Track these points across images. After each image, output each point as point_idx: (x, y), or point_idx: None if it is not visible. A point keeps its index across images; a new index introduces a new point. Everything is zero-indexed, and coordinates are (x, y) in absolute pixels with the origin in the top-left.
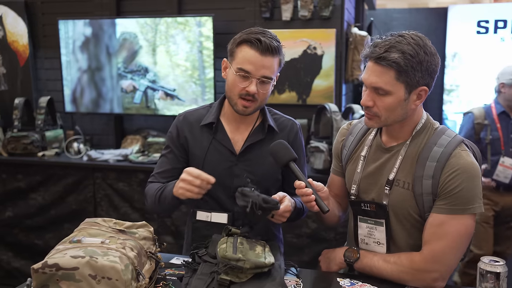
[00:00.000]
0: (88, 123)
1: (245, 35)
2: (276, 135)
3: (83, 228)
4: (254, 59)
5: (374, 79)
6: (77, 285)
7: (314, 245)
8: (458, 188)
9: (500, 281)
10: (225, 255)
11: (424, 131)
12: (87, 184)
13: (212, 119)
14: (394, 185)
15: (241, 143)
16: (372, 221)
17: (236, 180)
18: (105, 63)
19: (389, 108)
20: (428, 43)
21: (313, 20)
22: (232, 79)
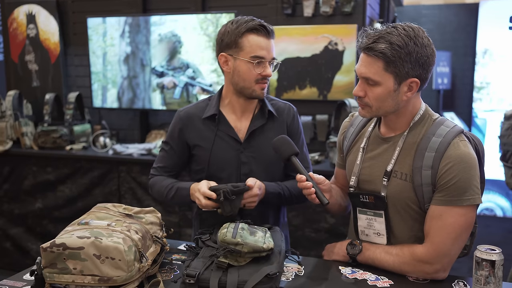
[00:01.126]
0: (115, 118)
1: (246, 25)
2: (276, 119)
3: (93, 211)
4: (265, 44)
5: (364, 70)
6: (82, 264)
7: (333, 239)
8: (455, 179)
9: (495, 269)
10: (224, 239)
11: (422, 122)
12: (112, 177)
13: (214, 111)
14: (392, 176)
15: (245, 131)
16: (371, 212)
17: (243, 167)
18: (142, 63)
19: (379, 99)
20: (420, 35)
21: (334, 16)
22: (246, 68)
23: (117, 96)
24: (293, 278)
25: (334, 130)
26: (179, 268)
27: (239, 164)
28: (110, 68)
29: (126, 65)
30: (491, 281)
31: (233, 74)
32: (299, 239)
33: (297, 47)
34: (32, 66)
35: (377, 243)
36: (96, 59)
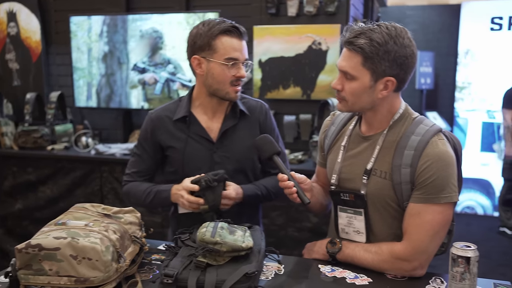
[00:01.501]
0: (98, 118)
1: (218, 27)
2: (248, 118)
3: (70, 212)
4: (238, 46)
5: (343, 63)
6: (58, 265)
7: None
8: (433, 177)
9: (470, 265)
10: (203, 238)
11: (401, 120)
12: (94, 178)
13: (184, 112)
14: (371, 174)
15: (217, 131)
16: (351, 210)
17: (217, 167)
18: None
19: (354, 93)
20: (402, 35)
21: (318, 15)
22: (220, 70)
23: (96, 93)
24: (273, 277)
25: (317, 130)
26: (158, 268)
27: (213, 164)
28: (95, 65)
29: (104, 63)
30: (466, 277)
31: (207, 76)
32: (282, 239)
33: (281, 47)
34: (13, 65)
35: (356, 241)
36: (81, 55)
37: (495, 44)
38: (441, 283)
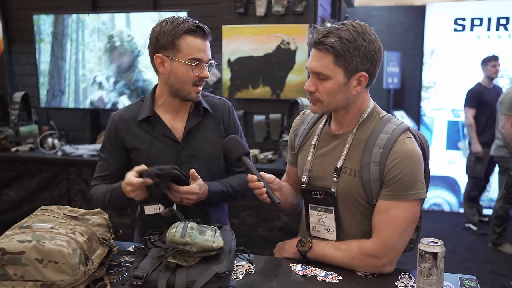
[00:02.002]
0: (64, 119)
1: (181, 26)
2: (212, 115)
3: (35, 214)
4: (202, 46)
5: (315, 64)
6: (23, 269)
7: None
8: (401, 174)
9: (437, 261)
10: (173, 239)
11: (370, 119)
12: (61, 180)
13: (148, 113)
14: (341, 172)
15: (181, 130)
16: (322, 208)
17: (184, 166)
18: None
19: (329, 93)
20: (368, 31)
21: (286, 15)
22: (183, 70)
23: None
24: (244, 277)
25: (287, 129)
26: (127, 270)
27: (179, 164)
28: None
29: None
30: (433, 272)
31: (169, 76)
32: (252, 238)
33: (250, 46)
34: None
35: (327, 239)
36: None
37: (459, 44)
38: (410, 279)
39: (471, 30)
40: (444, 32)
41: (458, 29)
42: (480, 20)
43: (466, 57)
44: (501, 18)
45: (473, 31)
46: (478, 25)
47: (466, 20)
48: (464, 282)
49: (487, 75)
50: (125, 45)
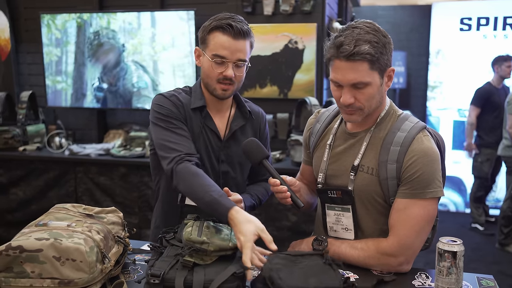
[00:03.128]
0: (71, 118)
1: (215, 22)
2: (252, 121)
3: (51, 212)
4: (228, 44)
5: (352, 76)
6: (41, 267)
7: (295, 237)
8: (418, 172)
9: (457, 259)
10: (189, 238)
11: (387, 117)
12: (69, 179)
13: (202, 103)
14: (358, 170)
15: (222, 129)
16: (339, 208)
17: (222, 165)
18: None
19: (370, 98)
20: (379, 27)
21: (294, 14)
22: (208, 65)
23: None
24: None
25: (295, 129)
26: (142, 269)
27: (218, 162)
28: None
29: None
30: (453, 271)
31: (201, 69)
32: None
33: (257, 46)
34: None
35: (345, 239)
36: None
37: (465, 44)
38: (427, 278)
39: (477, 30)
40: (450, 31)
41: (464, 29)
42: (486, 20)
43: (472, 56)
44: (508, 18)
45: (480, 31)
46: (485, 24)
47: (472, 19)
48: (482, 282)
49: (500, 75)
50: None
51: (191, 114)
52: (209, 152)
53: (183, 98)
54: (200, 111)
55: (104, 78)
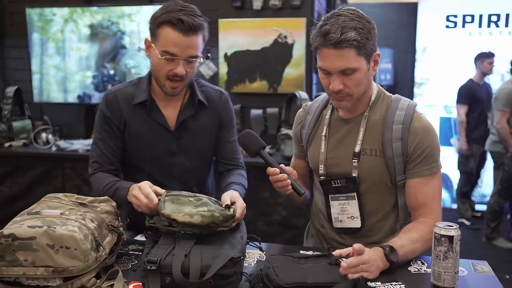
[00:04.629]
0: (58, 114)
1: (165, 15)
2: (206, 108)
3: (43, 201)
4: (178, 41)
5: (340, 63)
6: (34, 255)
7: (285, 232)
8: (428, 149)
9: (453, 244)
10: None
11: (379, 100)
12: (56, 175)
13: (145, 96)
14: (361, 155)
15: (173, 119)
16: (343, 197)
17: (175, 157)
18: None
19: (358, 84)
20: (361, 13)
21: (283, 9)
22: (158, 61)
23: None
24: (256, 264)
25: (284, 123)
26: (136, 258)
27: (170, 154)
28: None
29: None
30: (449, 256)
31: (151, 62)
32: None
33: (246, 40)
34: None
35: (352, 228)
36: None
37: (451, 41)
38: (422, 264)
39: (463, 27)
40: (436, 28)
41: (450, 26)
42: (471, 17)
43: (458, 53)
44: (492, 15)
45: (465, 28)
46: (470, 21)
47: (458, 17)
48: (477, 267)
49: (482, 71)
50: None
51: (132, 110)
52: (158, 145)
53: (127, 93)
54: (144, 105)
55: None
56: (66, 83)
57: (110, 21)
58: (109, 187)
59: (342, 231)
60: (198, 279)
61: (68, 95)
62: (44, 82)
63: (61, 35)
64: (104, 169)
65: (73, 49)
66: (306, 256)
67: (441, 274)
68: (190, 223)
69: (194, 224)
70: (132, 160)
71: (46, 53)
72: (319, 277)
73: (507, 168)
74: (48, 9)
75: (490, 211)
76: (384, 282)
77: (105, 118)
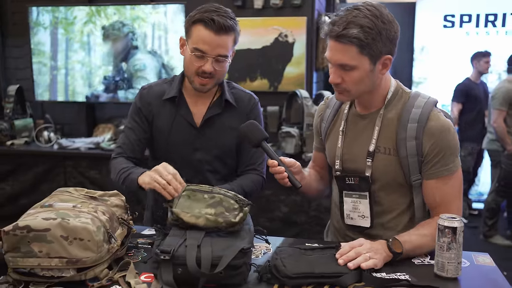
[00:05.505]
0: (59, 113)
1: (199, 14)
2: (234, 108)
3: (55, 194)
4: (209, 39)
5: (338, 57)
6: (48, 246)
7: (286, 229)
8: (445, 149)
9: (457, 235)
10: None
11: (396, 97)
12: (58, 173)
13: (175, 93)
14: (375, 153)
15: (200, 117)
16: (356, 195)
17: (197, 154)
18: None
19: (357, 82)
20: (384, 12)
21: (284, 8)
22: (188, 58)
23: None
24: (263, 256)
25: (285, 121)
26: (146, 251)
27: (194, 151)
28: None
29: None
30: (453, 247)
31: (184, 59)
32: None
33: (247, 39)
34: None
35: (362, 226)
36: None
37: (448, 40)
38: (425, 256)
39: (460, 27)
40: (434, 28)
41: (448, 26)
42: (469, 17)
43: (456, 53)
44: (489, 15)
45: (462, 28)
46: (467, 21)
47: (455, 16)
48: (479, 259)
49: (478, 70)
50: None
51: (162, 105)
52: (182, 141)
53: (160, 89)
54: (173, 101)
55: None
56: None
57: (121, 23)
58: (123, 170)
59: (353, 228)
60: (209, 270)
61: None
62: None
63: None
64: (125, 155)
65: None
66: (312, 248)
67: (444, 264)
68: (195, 225)
69: (198, 226)
70: (155, 153)
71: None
72: (326, 268)
73: (505, 166)
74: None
75: (488, 209)
76: (389, 273)
77: (136, 109)
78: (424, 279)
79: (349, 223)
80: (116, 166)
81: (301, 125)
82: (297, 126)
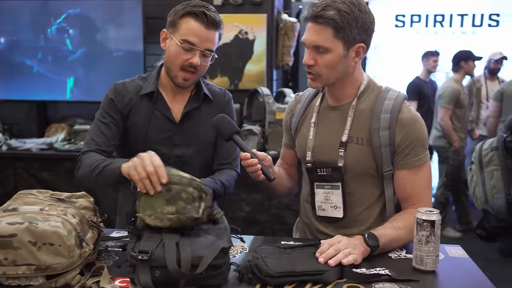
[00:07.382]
0: (7, 112)
1: (189, 8)
2: (211, 103)
3: (18, 197)
4: (199, 32)
5: (314, 38)
6: (15, 253)
7: (249, 228)
8: (416, 140)
9: (435, 228)
10: None
11: (369, 90)
12: (8, 175)
13: (152, 88)
14: (348, 143)
15: (178, 113)
16: (328, 185)
17: (176, 149)
18: None
19: (329, 65)
20: (362, 2)
21: (244, 5)
22: (175, 50)
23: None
24: (240, 255)
25: (247, 119)
26: (117, 255)
27: (172, 146)
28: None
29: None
30: (431, 240)
31: (166, 52)
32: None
33: None
34: None
35: (334, 217)
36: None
37: (400, 39)
38: (401, 250)
39: (411, 26)
40: (386, 27)
41: (399, 25)
42: (419, 17)
43: (407, 52)
44: (438, 15)
45: (413, 27)
46: (417, 21)
47: (406, 16)
48: (452, 251)
49: (427, 68)
50: None
51: (138, 101)
52: (161, 137)
53: (136, 85)
54: (150, 97)
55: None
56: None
57: None
58: (104, 161)
59: (325, 220)
60: (189, 271)
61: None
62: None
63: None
64: (100, 148)
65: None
66: (292, 246)
67: (423, 258)
68: (161, 227)
69: (164, 227)
70: (132, 150)
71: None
72: (307, 266)
73: (452, 161)
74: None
75: (437, 203)
76: (368, 268)
77: (110, 103)
78: (403, 273)
79: (321, 214)
80: (90, 158)
81: (263, 122)
82: (259, 124)
